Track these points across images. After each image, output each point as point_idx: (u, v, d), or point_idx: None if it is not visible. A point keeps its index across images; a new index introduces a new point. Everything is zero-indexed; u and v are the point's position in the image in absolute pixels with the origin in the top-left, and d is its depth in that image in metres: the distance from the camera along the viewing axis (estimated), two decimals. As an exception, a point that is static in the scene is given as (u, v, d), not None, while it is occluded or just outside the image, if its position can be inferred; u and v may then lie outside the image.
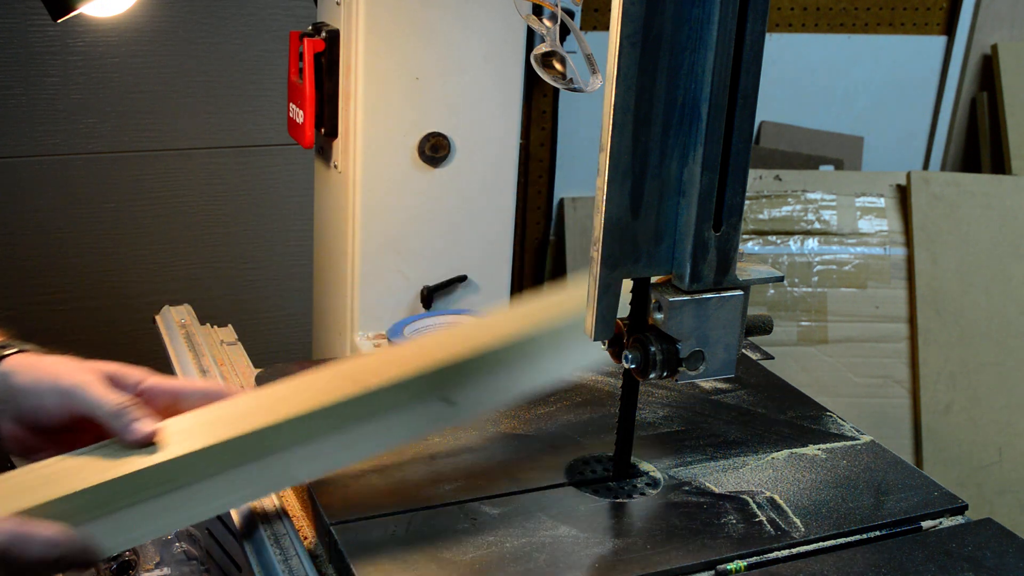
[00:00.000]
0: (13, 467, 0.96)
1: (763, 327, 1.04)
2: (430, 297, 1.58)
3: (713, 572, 0.93)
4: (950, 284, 2.63)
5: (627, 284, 0.94)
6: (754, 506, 1.02)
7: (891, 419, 2.62)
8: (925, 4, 2.85)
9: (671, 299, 0.92)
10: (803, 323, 2.64)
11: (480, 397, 1.05)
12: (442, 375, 1.01)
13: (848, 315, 2.65)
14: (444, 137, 1.53)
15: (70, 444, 0.94)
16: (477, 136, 1.55)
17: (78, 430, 0.95)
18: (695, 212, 0.90)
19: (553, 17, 1.09)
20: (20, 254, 2.19)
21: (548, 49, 1.10)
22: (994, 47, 2.88)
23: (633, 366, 0.95)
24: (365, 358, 1.09)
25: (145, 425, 0.92)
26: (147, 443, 0.91)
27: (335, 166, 1.57)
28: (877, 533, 1.00)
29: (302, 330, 2.35)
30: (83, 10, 1.21)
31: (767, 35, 0.88)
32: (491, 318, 1.12)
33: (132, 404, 0.93)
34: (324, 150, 1.61)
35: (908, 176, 2.71)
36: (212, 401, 0.99)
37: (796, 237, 2.67)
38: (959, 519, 1.03)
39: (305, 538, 1.02)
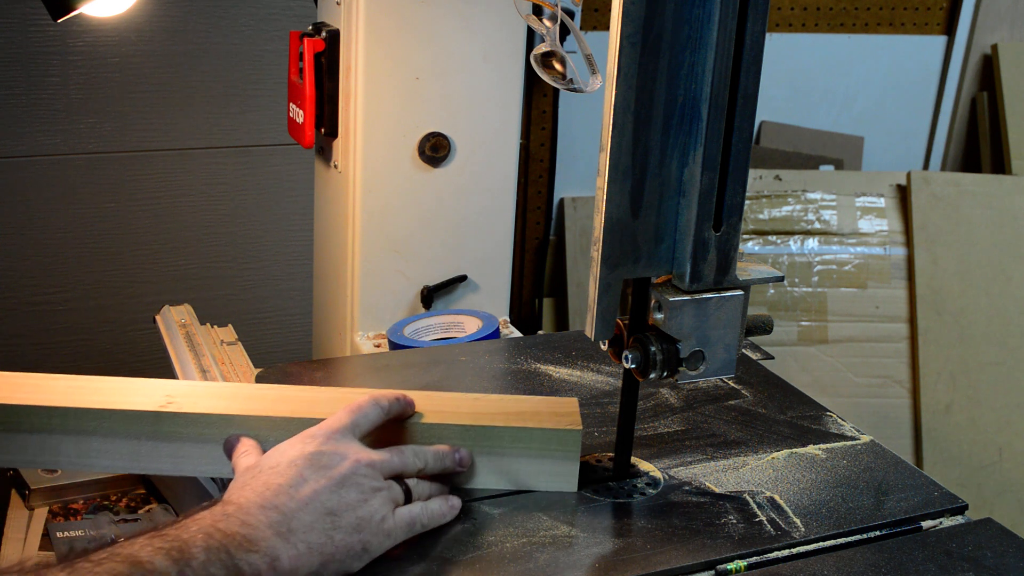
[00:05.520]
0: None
1: (763, 327, 1.04)
2: (430, 297, 1.58)
3: (713, 572, 0.93)
4: (950, 284, 2.63)
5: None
6: (754, 506, 1.02)
7: (891, 419, 2.61)
8: (925, 4, 2.85)
9: (671, 299, 0.92)
10: (803, 323, 2.64)
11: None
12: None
13: (848, 315, 2.65)
14: (444, 137, 1.53)
15: None
16: (477, 136, 1.55)
17: None
18: (695, 212, 0.90)
19: (553, 17, 1.09)
20: (20, 254, 2.18)
21: (548, 49, 1.10)
22: (994, 47, 2.88)
23: (633, 366, 0.95)
24: (335, 392, 1.07)
25: None
26: None
27: (335, 166, 1.57)
28: (877, 533, 1.00)
29: (302, 330, 2.35)
30: (83, 10, 1.21)
31: (767, 35, 0.88)
32: (463, 398, 1.07)
33: None
34: (324, 150, 1.61)
35: (908, 176, 2.71)
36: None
37: (796, 237, 2.67)
38: (959, 519, 1.03)
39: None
